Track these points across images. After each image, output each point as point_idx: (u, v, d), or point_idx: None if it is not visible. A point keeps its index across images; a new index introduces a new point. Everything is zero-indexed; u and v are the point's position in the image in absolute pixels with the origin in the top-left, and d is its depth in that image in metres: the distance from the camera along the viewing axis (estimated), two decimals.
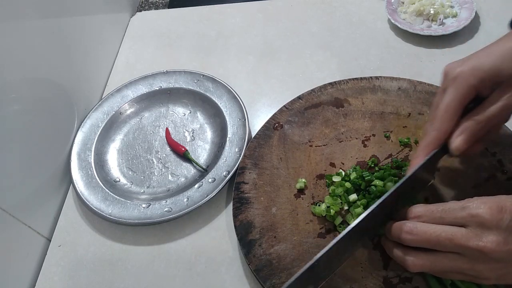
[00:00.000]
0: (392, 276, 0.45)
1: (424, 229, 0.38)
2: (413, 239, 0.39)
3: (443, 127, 0.42)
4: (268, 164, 0.55)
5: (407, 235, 0.39)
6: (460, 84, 0.41)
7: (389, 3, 0.75)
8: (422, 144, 0.44)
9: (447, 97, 0.42)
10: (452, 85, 0.42)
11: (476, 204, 0.36)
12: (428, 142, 0.43)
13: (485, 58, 0.41)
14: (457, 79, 0.41)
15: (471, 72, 0.40)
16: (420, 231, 0.38)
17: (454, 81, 0.41)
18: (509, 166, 0.51)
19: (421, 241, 0.38)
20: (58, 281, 0.52)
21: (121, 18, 0.84)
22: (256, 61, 0.73)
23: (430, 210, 0.39)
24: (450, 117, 0.42)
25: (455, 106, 0.41)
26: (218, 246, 0.52)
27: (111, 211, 0.54)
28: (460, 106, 0.41)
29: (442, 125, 0.42)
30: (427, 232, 0.38)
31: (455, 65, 0.42)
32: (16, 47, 0.52)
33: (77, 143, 0.62)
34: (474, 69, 0.40)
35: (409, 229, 0.39)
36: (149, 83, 0.69)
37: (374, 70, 0.68)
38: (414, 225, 0.39)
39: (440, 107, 0.42)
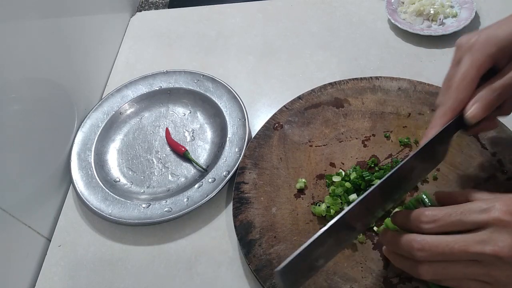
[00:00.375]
0: (392, 276, 0.45)
1: (436, 243, 0.35)
2: (427, 256, 0.36)
3: (460, 96, 0.40)
4: (268, 164, 0.55)
5: (419, 253, 0.36)
6: (476, 53, 0.39)
7: (389, 3, 0.75)
8: (437, 114, 0.41)
9: (463, 66, 0.40)
10: (467, 54, 0.40)
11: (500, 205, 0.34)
12: (443, 112, 0.41)
13: (500, 28, 0.39)
14: (473, 48, 0.40)
15: (487, 41, 0.39)
16: (432, 246, 0.35)
17: (470, 50, 0.40)
18: (509, 166, 0.51)
19: (433, 256, 0.36)
20: (58, 281, 0.52)
21: (121, 18, 0.84)
22: (256, 61, 0.73)
23: (448, 214, 0.36)
24: (466, 86, 0.40)
25: (472, 74, 0.40)
26: (218, 246, 0.52)
27: (111, 211, 0.54)
28: (476, 75, 0.40)
29: (459, 94, 0.40)
30: (439, 246, 0.35)
31: (469, 36, 0.41)
32: (16, 47, 0.52)
33: (77, 143, 0.62)
34: (490, 38, 0.39)
35: (420, 246, 0.36)
36: (149, 83, 0.69)
37: (374, 70, 0.68)
38: (424, 241, 0.36)
39: (456, 76, 0.40)
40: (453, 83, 0.41)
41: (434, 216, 0.37)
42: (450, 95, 0.41)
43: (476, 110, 0.39)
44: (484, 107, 0.39)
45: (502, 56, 0.39)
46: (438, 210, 0.37)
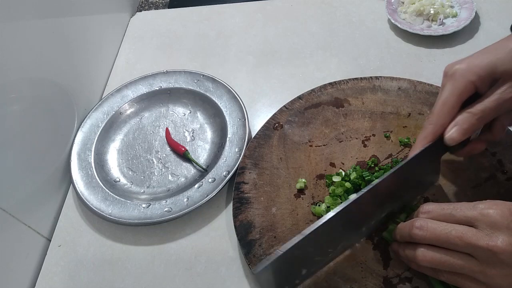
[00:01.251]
0: (392, 276, 0.45)
1: (434, 226, 0.38)
2: (423, 235, 0.39)
3: (440, 121, 0.43)
4: (268, 164, 0.55)
5: (417, 231, 0.39)
6: (457, 80, 0.42)
7: (389, 3, 0.75)
8: (419, 138, 0.44)
9: (444, 92, 0.43)
10: (449, 81, 0.42)
11: (487, 205, 0.36)
12: (424, 136, 0.44)
13: (482, 56, 0.42)
14: (455, 75, 0.42)
15: (468, 68, 0.41)
16: (430, 227, 0.38)
17: (452, 77, 0.42)
18: (509, 166, 0.51)
19: (430, 238, 0.38)
20: (58, 281, 0.52)
21: (121, 18, 0.84)
22: (256, 61, 0.73)
23: (441, 207, 0.40)
24: (447, 111, 0.42)
25: (452, 101, 0.42)
26: (218, 246, 0.52)
27: (111, 211, 0.54)
28: (457, 101, 0.42)
29: (439, 119, 0.43)
30: (437, 229, 0.38)
31: (454, 63, 0.43)
32: (16, 47, 0.52)
33: (77, 143, 0.62)
34: (471, 66, 0.41)
35: (419, 225, 0.39)
36: (149, 83, 0.69)
37: (374, 70, 0.68)
38: (424, 222, 0.39)
39: (437, 101, 0.43)
40: (434, 108, 0.43)
41: (428, 208, 0.41)
42: (431, 120, 0.44)
43: (454, 133, 0.42)
44: (462, 131, 0.42)
45: (482, 84, 0.41)
46: (434, 204, 0.41)
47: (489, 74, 0.41)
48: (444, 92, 0.43)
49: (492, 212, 0.35)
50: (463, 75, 0.41)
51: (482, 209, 0.36)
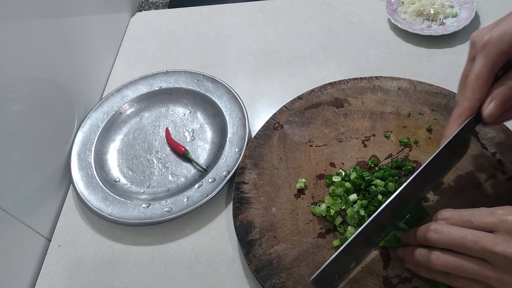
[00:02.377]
0: (392, 276, 0.44)
1: (450, 230, 0.37)
2: (439, 238, 0.38)
3: (476, 95, 0.41)
4: (268, 164, 0.55)
5: (433, 234, 0.38)
6: (490, 51, 0.40)
7: (389, 3, 0.75)
8: (455, 115, 0.42)
9: (477, 65, 0.41)
10: (481, 52, 0.40)
11: (507, 211, 0.36)
12: (460, 112, 0.42)
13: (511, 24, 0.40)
14: (487, 45, 0.40)
15: (500, 37, 0.39)
16: (446, 231, 0.37)
17: (484, 48, 0.40)
18: (509, 166, 0.51)
19: (446, 241, 0.37)
20: (58, 281, 0.52)
21: (121, 18, 0.84)
22: (256, 61, 0.73)
23: (459, 214, 0.39)
24: (482, 85, 0.41)
25: (486, 73, 0.40)
26: (218, 246, 0.52)
27: (111, 211, 0.54)
28: (491, 74, 0.40)
29: (474, 94, 0.41)
30: (452, 233, 0.37)
31: (483, 32, 0.41)
32: (16, 47, 0.52)
33: (77, 143, 0.62)
34: (504, 35, 0.39)
35: (435, 228, 0.38)
36: (149, 83, 0.69)
37: (374, 70, 0.68)
38: (440, 226, 0.38)
39: (471, 75, 0.41)
40: (467, 82, 0.41)
41: (447, 215, 0.39)
42: (466, 95, 0.41)
43: (493, 108, 0.40)
44: (500, 105, 0.40)
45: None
46: (453, 211, 0.40)
47: None
48: (476, 64, 0.40)
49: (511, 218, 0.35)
50: (496, 45, 0.39)
51: (501, 215, 0.35)
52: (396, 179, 0.50)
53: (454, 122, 0.42)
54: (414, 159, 0.54)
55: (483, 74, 0.40)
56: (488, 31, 0.41)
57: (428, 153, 0.54)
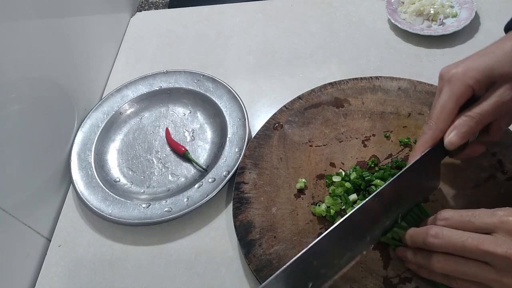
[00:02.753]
0: (392, 276, 0.44)
1: (451, 234, 0.37)
2: (439, 243, 0.38)
3: (439, 126, 0.43)
4: (268, 164, 0.55)
5: (433, 239, 0.38)
6: (455, 84, 0.42)
7: (389, 3, 0.75)
8: (418, 143, 0.44)
9: (442, 97, 0.42)
10: (447, 85, 0.42)
11: (507, 212, 0.36)
12: (424, 141, 0.44)
13: (478, 59, 0.42)
14: (452, 79, 0.42)
15: (465, 72, 0.41)
16: (446, 236, 0.37)
17: (449, 81, 0.42)
18: (509, 166, 0.51)
19: (446, 246, 0.37)
20: (58, 281, 0.52)
21: (121, 18, 0.84)
22: (256, 61, 0.73)
23: (459, 214, 0.39)
24: (445, 115, 0.42)
25: (450, 105, 0.42)
26: (218, 246, 0.52)
27: (111, 211, 0.54)
28: (455, 105, 0.42)
29: (438, 124, 0.43)
30: (453, 237, 0.37)
31: (450, 67, 0.43)
32: (16, 47, 0.52)
33: (77, 143, 0.62)
34: (468, 69, 0.41)
35: (435, 233, 0.38)
36: (149, 83, 0.69)
37: (374, 70, 0.68)
38: (440, 230, 0.38)
39: (436, 106, 0.43)
40: (432, 113, 0.43)
41: (447, 215, 0.40)
42: (429, 125, 0.43)
43: (454, 137, 0.42)
44: (461, 134, 0.42)
45: (480, 87, 0.41)
46: (452, 211, 0.40)
47: (486, 77, 0.40)
48: (442, 96, 0.43)
49: None
50: (461, 79, 0.41)
51: (501, 216, 0.36)
52: None
53: (418, 151, 0.44)
54: None
55: (447, 105, 0.42)
56: (455, 66, 0.42)
57: None
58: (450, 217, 0.39)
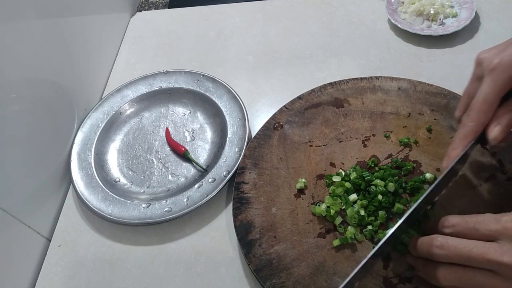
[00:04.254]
0: (392, 276, 0.44)
1: (455, 243, 0.37)
2: (444, 254, 0.37)
3: (481, 118, 0.41)
4: (268, 164, 0.55)
5: (438, 250, 0.37)
6: (500, 75, 0.40)
7: (389, 3, 0.75)
8: (459, 136, 0.43)
9: (485, 88, 0.41)
10: (490, 76, 0.41)
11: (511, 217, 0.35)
12: (466, 134, 0.42)
13: None
14: (496, 69, 0.40)
15: (509, 65, 0.40)
16: (451, 246, 0.37)
17: (493, 72, 0.41)
18: (509, 166, 0.51)
19: (452, 256, 0.37)
20: (58, 281, 0.52)
21: (121, 18, 0.84)
22: (256, 61, 0.73)
23: (465, 221, 0.38)
24: (488, 108, 0.41)
25: (494, 97, 0.41)
26: (218, 246, 0.52)
27: (111, 211, 0.54)
28: (498, 98, 0.41)
29: (480, 117, 0.41)
30: (458, 247, 0.36)
31: (491, 54, 0.41)
32: (16, 47, 0.52)
33: (77, 143, 0.62)
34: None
35: (440, 244, 0.37)
36: (149, 83, 0.69)
37: (374, 70, 0.68)
38: (445, 240, 0.37)
39: (478, 97, 0.42)
40: (474, 104, 0.42)
41: (453, 222, 0.39)
42: (472, 117, 0.42)
43: (498, 132, 0.41)
44: (506, 129, 0.41)
45: None
46: (459, 217, 0.39)
47: None
48: (484, 87, 0.41)
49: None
50: (506, 71, 0.40)
51: (506, 222, 0.35)
52: (396, 179, 0.50)
53: (459, 143, 0.43)
54: (414, 159, 0.54)
55: (490, 98, 0.41)
56: (497, 54, 0.41)
57: (428, 153, 0.54)
58: (457, 224, 0.38)
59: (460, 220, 0.39)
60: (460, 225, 0.38)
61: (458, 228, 0.38)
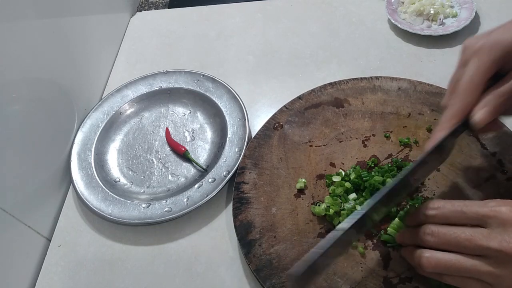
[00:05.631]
0: (392, 276, 0.45)
1: (444, 230, 0.37)
2: (434, 241, 0.38)
3: (467, 99, 0.41)
4: (268, 164, 0.55)
5: (428, 237, 0.38)
6: (483, 57, 0.40)
7: (389, 3, 0.75)
8: (445, 117, 0.42)
9: (470, 70, 0.41)
10: (474, 58, 0.41)
11: (498, 203, 0.36)
12: (452, 115, 0.41)
13: (506, 32, 0.40)
14: (480, 52, 0.40)
15: (493, 45, 0.40)
16: (440, 233, 0.38)
17: (477, 54, 0.41)
18: (509, 166, 0.51)
19: (441, 243, 0.38)
20: (58, 281, 0.52)
21: (121, 18, 0.84)
22: (256, 61, 0.73)
23: (451, 203, 0.39)
24: (474, 89, 0.41)
25: (479, 78, 0.40)
26: (218, 246, 0.52)
27: (111, 211, 0.54)
28: (483, 79, 0.40)
29: (466, 97, 0.41)
30: (446, 233, 0.37)
31: (476, 39, 0.41)
32: (16, 47, 0.52)
33: (77, 143, 0.62)
34: (496, 43, 0.40)
35: (430, 231, 0.38)
36: (149, 83, 0.69)
37: (374, 70, 0.68)
38: (434, 227, 0.38)
39: (464, 78, 0.41)
40: (460, 86, 0.41)
41: (439, 204, 0.39)
42: (457, 98, 0.41)
43: (484, 114, 0.40)
44: (491, 112, 0.40)
45: (508, 60, 0.40)
46: (444, 201, 0.39)
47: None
48: (469, 68, 0.41)
49: (504, 210, 0.35)
50: (489, 51, 0.40)
51: (493, 206, 0.36)
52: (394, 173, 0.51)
53: (446, 124, 0.42)
54: (414, 159, 0.54)
55: (476, 78, 0.41)
56: (482, 38, 0.41)
57: None
58: (442, 206, 0.39)
59: (445, 203, 0.39)
60: (445, 207, 0.39)
61: (444, 210, 0.38)
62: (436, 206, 0.39)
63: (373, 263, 0.46)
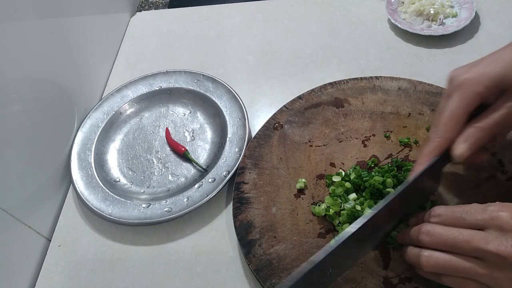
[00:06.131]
0: (392, 276, 0.45)
1: (441, 231, 0.38)
2: (431, 240, 0.38)
3: (447, 134, 0.42)
4: (268, 164, 0.55)
5: (424, 236, 0.38)
6: (466, 91, 0.41)
7: (389, 3, 0.75)
8: (425, 151, 0.43)
9: (451, 104, 0.41)
10: (457, 92, 0.41)
11: (497, 207, 0.36)
12: (431, 149, 0.43)
13: (490, 65, 0.40)
14: (463, 86, 0.41)
15: (476, 79, 0.40)
16: (437, 233, 0.38)
17: (460, 88, 0.41)
18: (509, 166, 0.51)
19: (438, 243, 0.38)
20: (58, 281, 0.52)
21: (121, 18, 0.84)
22: (256, 61, 0.73)
23: (451, 210, 0.39)
24: (454, 124, 0.41)
25: (460, 113, 0.41)
26: (218, 246, 0.52)
27: (111, 211, 0.54)
28: (464, 114, 0.41)
29: (446, 132, 0.42)
30: (444, 234, 0.37)
31: (460, 71, 0.42)
32: (16, 47, 0.52)
33: (77, 143, 0.62)
34: (480, 76, 0.40)
35: (426, 231, 0.38)
36: (149, 83, 0.69)
37: (374, 70, 0.68)
38: (432, 227, 0.38)
39: (445, 114, 0.42)
40: (441, 119, 0.42)
41: (440, 212, 0.40)
42: (438, 133, 0.42)
43: (463, 149, 0.41)
44: (471, 146, 0.41)
45: (490, 94, 0.40)
46: (445, 207, 0.40)
47: (497, 85, 0.40)
48: (450, 103, 0.41)
49: (503, 215, 0.35)
50: (472, 87, 0.40)
51: (492, 211, 0.36)
52: (394, 173, 0.50)
53: (424, 158, 0.43)
54: (414, 159, 0.54)
55: (456, 113, 0.41)
56: (466, 71, 0.41)
57: None
58: (443, 213, 0.39)
59: (446, 210, 0.39)
60: (446, 214, 0.39)
61: (445, 217, 0.39)
62: (436, 213, 0.40)
63: (373, 263, 0.46)
